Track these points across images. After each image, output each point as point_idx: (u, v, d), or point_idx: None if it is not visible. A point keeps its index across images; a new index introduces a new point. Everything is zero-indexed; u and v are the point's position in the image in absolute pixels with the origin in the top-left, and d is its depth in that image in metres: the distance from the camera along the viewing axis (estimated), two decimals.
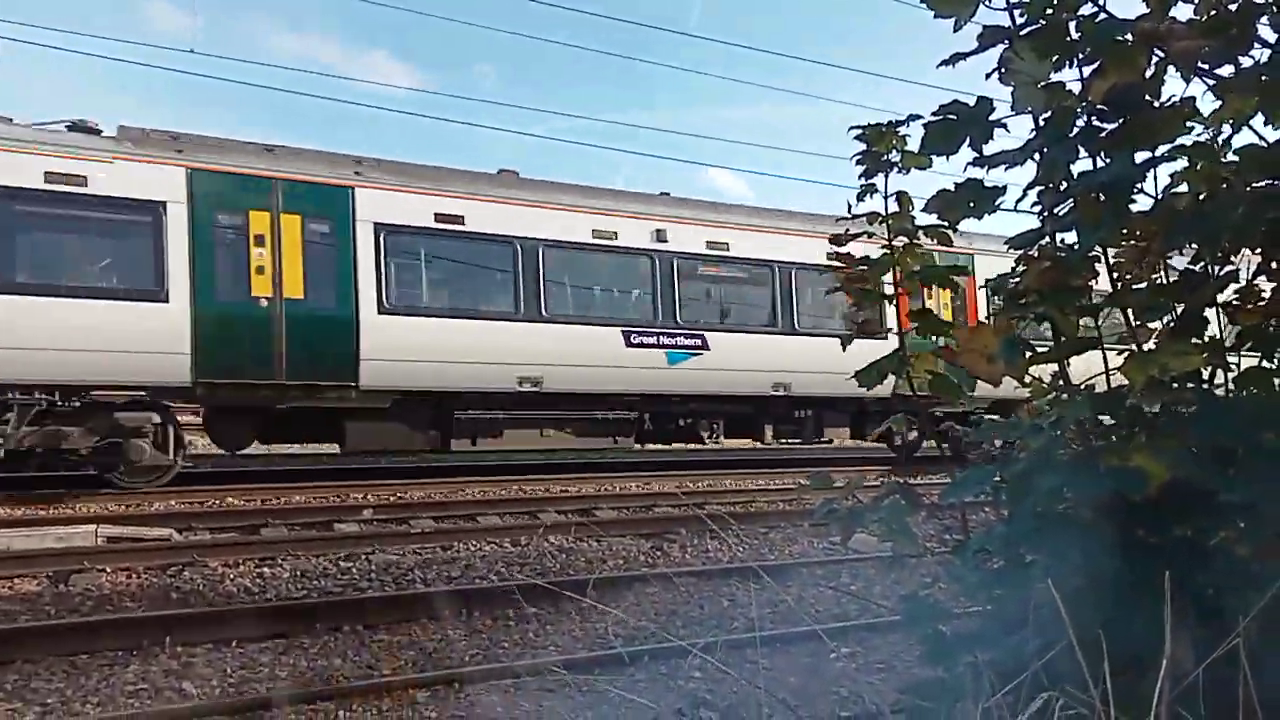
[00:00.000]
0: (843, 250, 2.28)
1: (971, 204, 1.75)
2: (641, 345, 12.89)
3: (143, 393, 10.35)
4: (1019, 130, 1.73)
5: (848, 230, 2.23)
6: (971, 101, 1.74)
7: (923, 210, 1.80)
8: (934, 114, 1.70)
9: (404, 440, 11.92)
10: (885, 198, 2.17)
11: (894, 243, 2.19)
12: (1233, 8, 1.57)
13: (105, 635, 4.96)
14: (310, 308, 10.79)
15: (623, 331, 12.81)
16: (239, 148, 11.10)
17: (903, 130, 2.05)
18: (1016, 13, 1.60)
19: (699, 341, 13.33)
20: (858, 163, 2.11)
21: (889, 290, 2.26)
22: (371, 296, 11.10)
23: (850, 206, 2.21)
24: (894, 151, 2.09)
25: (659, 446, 14.68)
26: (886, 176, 2.14)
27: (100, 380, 9.96)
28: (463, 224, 11.88)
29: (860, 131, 2.09)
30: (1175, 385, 1.68)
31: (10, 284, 9.52)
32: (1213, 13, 1.56)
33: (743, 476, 13.93)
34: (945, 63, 1.68)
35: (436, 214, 11.72)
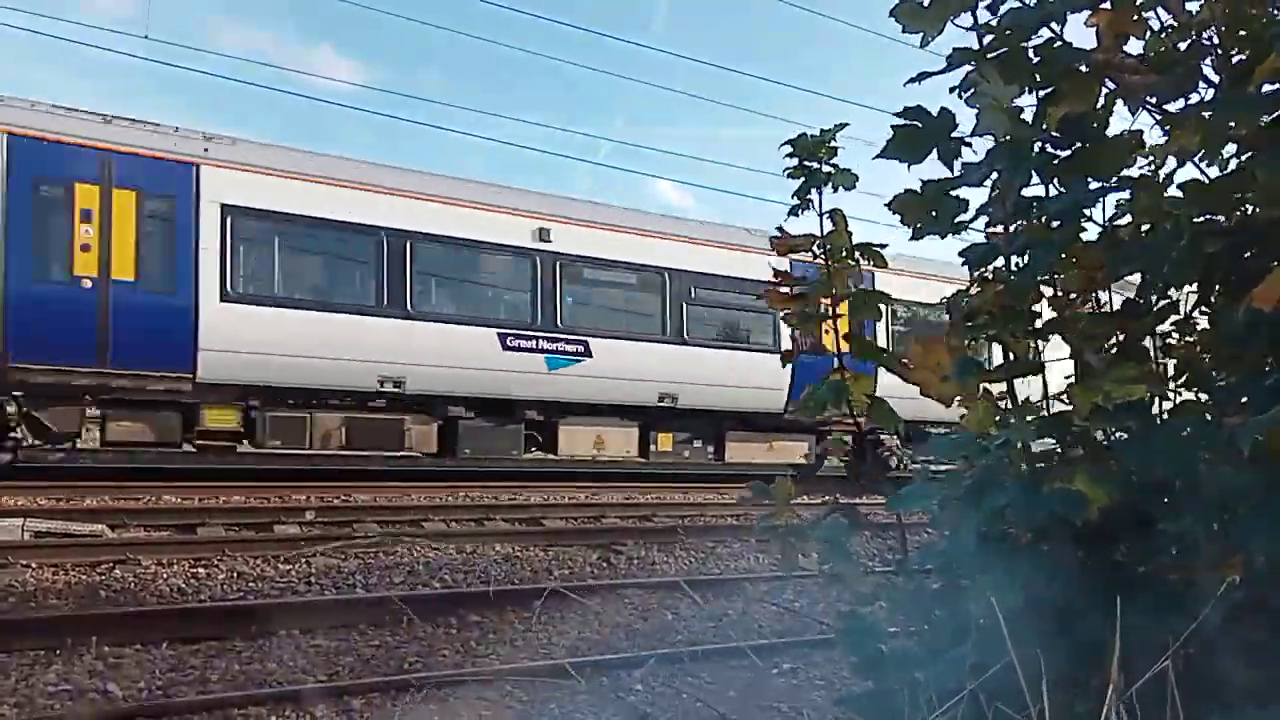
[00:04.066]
0: (781, 268, 2.25)
1: (934, 213, 1.75)
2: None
3: None
4: (979, 151, 1.75)
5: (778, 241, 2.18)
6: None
7: (884, 206, 1.80)
8: (898, 114, 1.71)
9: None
10: (820, 215, 2.12)
11: (828, 263, 2.14)
12: (1182, 47, 1.62)
13: (27, 634, 4.78)
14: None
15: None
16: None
17: (834, 143, 2.03)
18: (982, 33, 1.63)
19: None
20: (790, 176, 2.08)
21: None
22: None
23: (781, 227, 2.17)
24: (826, 165, 2.06)
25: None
26: (820, 192, 2.10)
27: None
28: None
29: (791, 145, 2.06)
30: (1118, 413, 1.72)
31: None
32: (1162, 50, 1.61)
33: (691, 490, 13.97)
34: (913, 80, 1.70)
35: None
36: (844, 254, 2.15)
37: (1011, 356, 1.77)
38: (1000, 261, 1.75)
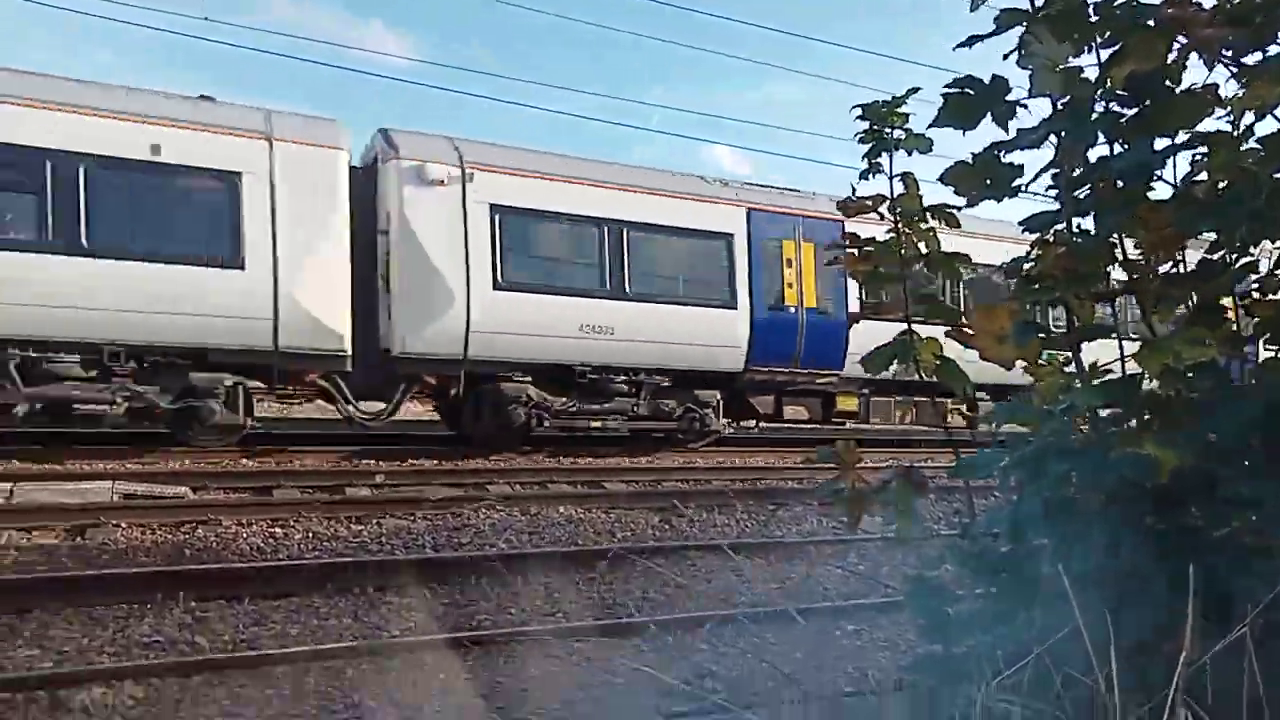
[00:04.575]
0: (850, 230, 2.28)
1: (989, 181, 1.74)
2: None
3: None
4: (1035, 113, 1.72)
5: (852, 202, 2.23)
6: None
7: (938, 180, 1.80)
8: (948, 85, 1.69)
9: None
10: (890, 178, 2.16)
11: (899, 225, 2.20)
12: None
13: (121, 588, 5.05)
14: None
15: None
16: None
17: (904, 108, 2.04)
18: None
19: None
20: (861, 141, 2.10)
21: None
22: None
23: (854, 189, 2.22)
24: (897, 130, 2.08)
25: None
26: (891, 156, 2.12)
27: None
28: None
29: (863, 110, 2.08)
30: (1190, 375, 1.68)
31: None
32: (1239, 1, 1.54)
33: (750, 454, 14.00)
34: (963, 44, 1.67)
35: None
36: (915, 217, 2.18)
37: (1076, 320, 1.74)
38: (1061, 225, 1.72)
